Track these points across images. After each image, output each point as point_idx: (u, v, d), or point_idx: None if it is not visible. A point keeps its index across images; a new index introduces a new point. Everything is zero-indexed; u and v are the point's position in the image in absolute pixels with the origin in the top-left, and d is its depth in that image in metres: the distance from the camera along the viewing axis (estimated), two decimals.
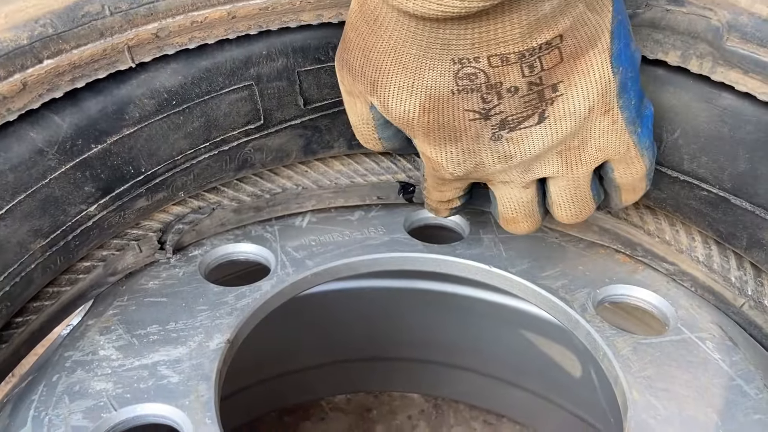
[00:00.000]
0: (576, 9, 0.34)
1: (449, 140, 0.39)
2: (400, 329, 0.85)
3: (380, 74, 0.37)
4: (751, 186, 0.42)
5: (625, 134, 0.39)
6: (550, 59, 0.35)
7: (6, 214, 0.38)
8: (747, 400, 0.42)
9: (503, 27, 0.33)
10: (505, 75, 0.35)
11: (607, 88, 0.37)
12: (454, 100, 0.37)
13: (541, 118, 0.38)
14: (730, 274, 0.49)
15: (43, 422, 0.40)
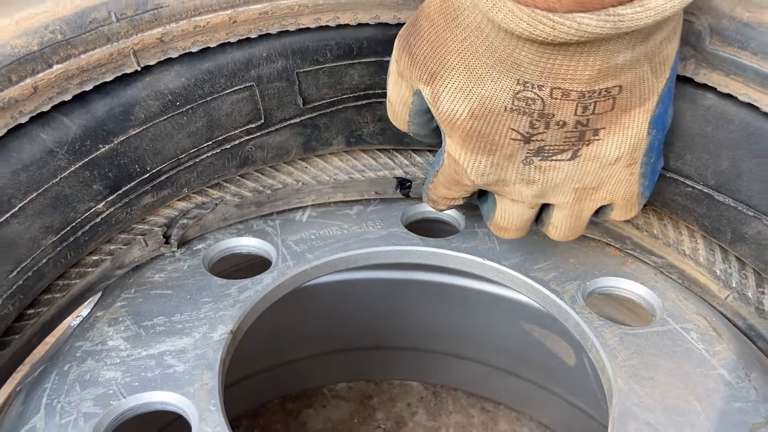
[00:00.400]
0: (642, 67, 0.36)
1: (483, 151, 0.40)
2: (399, 319, 0.87)
3: (443, 69, 0.38)
4: (734, 183, 0.44)
5: (635, 186, 0.42)
6: (603, 106, 0.37)
7: (19, 212, 0.40)
8: (728, 389, 0.44)
9: (576, 65, 0.34)
10: (560, 108, 0.37)
11: (638, 145, 0.40)
12: (505, 117, 0.38)
13: (574, 155, 0.40)
14: (715, 267, 0.50)
15: (55, 409, 0.42)
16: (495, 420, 0.89)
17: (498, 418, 0.90)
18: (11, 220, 0.40)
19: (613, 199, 0.43)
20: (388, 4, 0.43)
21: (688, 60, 0.40)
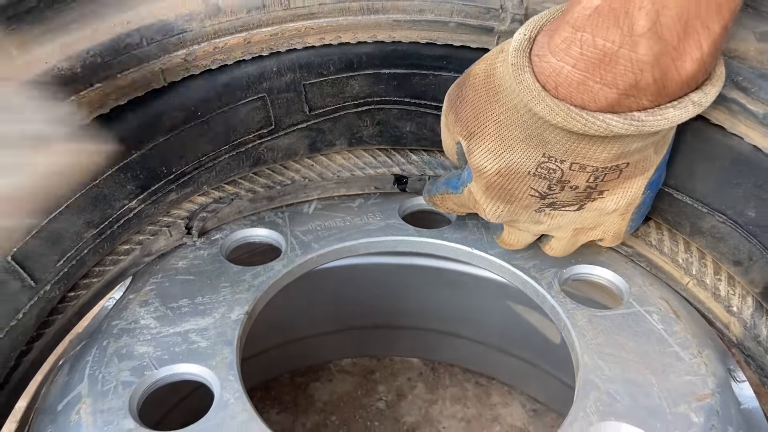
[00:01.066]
0: (647, 151, 0.42)
1: (503, 200, 0.47)
2: (400, 300, 0.93)
3: (480, 132, 0.44)
4: (689, 184, 0.50)
5: (624, 228, 0.50)
6: (612, 176, 0.43)
7: (65, 210, 0.46)
8: (681, 364, 0.50)
9: (596, 149, 0.40)
10: (576, 177, 0.43)
11: (633, 202, 0.47)
12: (527, 179, 0.44)
13: (580, 208, 0.46)
14: (678, 256, 0.56)
15: (97, 378, 0.49)
16: (488, 393, 0.96)
17: (491, 392, 0.96)
18: (59, 216, 0.46)
19: (604, 236, 0.51)
20: (384, 25, 0.49)
21: None
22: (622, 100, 0.36)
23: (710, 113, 0.45)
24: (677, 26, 0.33)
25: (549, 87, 0.37)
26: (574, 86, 0.36)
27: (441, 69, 0.51)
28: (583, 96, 0.36)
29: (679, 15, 0.33)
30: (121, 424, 0.45)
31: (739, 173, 0.46)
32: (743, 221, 0.48)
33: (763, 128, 0.43)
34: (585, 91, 0.36)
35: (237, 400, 0.47)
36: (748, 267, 0.50)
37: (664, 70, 0.35)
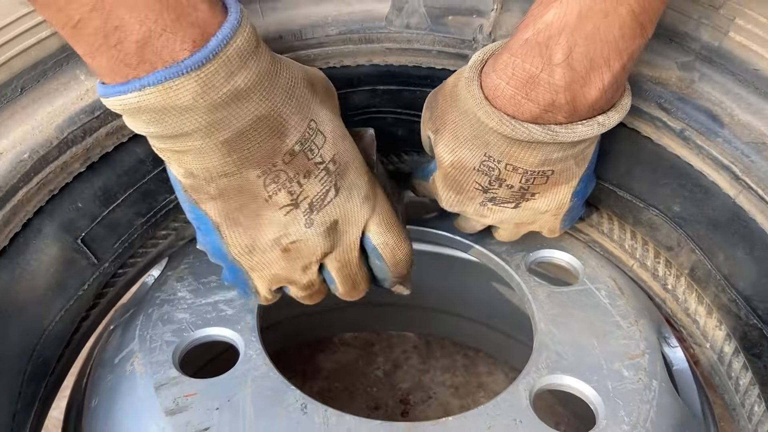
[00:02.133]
0: (569, 162, 0.52)
1: (454, 190, 0.57)
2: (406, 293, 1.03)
3: (442, 129, 0.54)
4: (629, 183, 0.60)
5: (557, 225, 0.60)
6: (540, 180, 0.53)
7: (122, 202, 0.57)
8: (620, 331, 0.61)
9: (525, 154, 0.50)
10: (510, 177, 0.53)
11: (563, 206, 0.57)
12: (473, 173, 0.54)
13: (517, 205, 0.56)
14: (625, 243, 0.66)
15: (145, 338, 0.60)
16: (475, 364, 1.08)
17: (477, 363, 1.08)
18: (116, 208, 0.57)
19: (540, 229, 0.62)
20: (378, 52, 0.59)
21: None
22: (542, 115, 0.46)
23: (641, 127, 0.55)
24: (585, 61, 0.44)
25: (490, 98, 0.48)
26: (507, 99, 0.46)
27: (426, 86, 0.61)
28: (513, 108, 0.47)
29: (586, 52, 0.43)
30: (167, 373, 0.56)
31: (665, 175, 0.57)
32: (671, 214, 0.59)
33: (681, 140, 0.53)
34: (515, 104, 0.46)
35: (258, 356, 0.59)
36: (678, 252, 0.61)
37: (574, 94, 0.45)
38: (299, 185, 0.47)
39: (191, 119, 0.40)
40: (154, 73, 0.37)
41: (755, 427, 0.57)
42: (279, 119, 0.44)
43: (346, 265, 0.54)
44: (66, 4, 0.35)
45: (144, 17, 0.36)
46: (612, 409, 0.53)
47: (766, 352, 0.55)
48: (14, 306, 0.51)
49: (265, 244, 0.49)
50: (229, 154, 0.43)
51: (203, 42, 0.38)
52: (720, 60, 0.51)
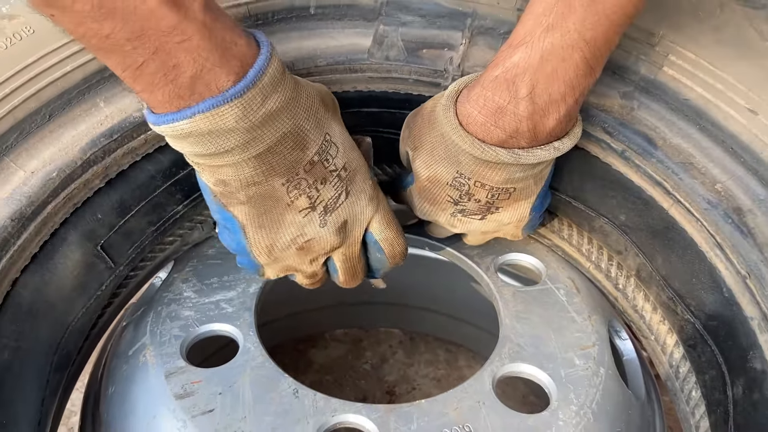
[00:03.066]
0: (528, 181, 0.60)
1: (429, 201, 0.64)
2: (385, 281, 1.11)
3: (420, 147, 0.61)
4: (582, 195, 0.68)
5: (519, 232, 0.68)
6: (504, 196, 0.61)
7: (135, 213, 0.64)
8: (575, 325, 0.69)
9: (492, 173, 0.57)
10: (478, 192, 0.60)
11: (523, 219, 0.64)
12: (445, 187, 0.61)
13: (483, 217, 0.64)
14: (582, 247, 0.75)
15: (156, 333, 0.68)
16: (456, 358, 1.15)
17: (458, 357, 1.15)
18: (130, 218, 0.65)
19: (504, 236, 0.69)
20: (362, 80, 0.67)
21: None
22: (508, 140, 0.54)
23: (590, 148, 0.63)
24: (545, 96, 0.52)
25: (463, 124, 0.55)
26: (478, 125, 0.54)
27: (404, 108, 0.69)
28: (483, 133, 0.55)
29: (546, 89, 0.52)
30: (175, 363, 0.64)
31: (612, 189, 0.65)
32: (618, 223, 0.67)
33: (622, 160, 0.62)
34: (485, 130, 0.54)
35: (255, 348, 0.66)
36: (625, 256, 0.69)
37: (535, 123, 0.53)
38: (317, 190, 0.53)
39: (232, 139, 0.46)
40: (204, 102, 0.43)
41: (692, 409, 0.65)
42: (302, 134, 0.50)
43: (350, 258, 0.61)
44: (132, 50, 0.40)
45: (197, 55, 0.42)
46: (563, 393, 0.62)
47: (699, 344, 0.63)
48: (44, 305, 0.59)
49: (283, 244, 0.56)
50: (260, 166, 0.49)
51: (243, 73, 0.44)
52: (655, 91, 0.60)
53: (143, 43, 0.40)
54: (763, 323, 0.53)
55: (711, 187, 0.56)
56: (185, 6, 0.41)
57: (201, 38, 0.41)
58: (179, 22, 0.40)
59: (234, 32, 0.44)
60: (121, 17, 0.39)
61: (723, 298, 0.57)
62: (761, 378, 0.54)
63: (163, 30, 0.40)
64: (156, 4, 0.39)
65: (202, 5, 0.42)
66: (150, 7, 0.39)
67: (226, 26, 0.44)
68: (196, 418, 0.59)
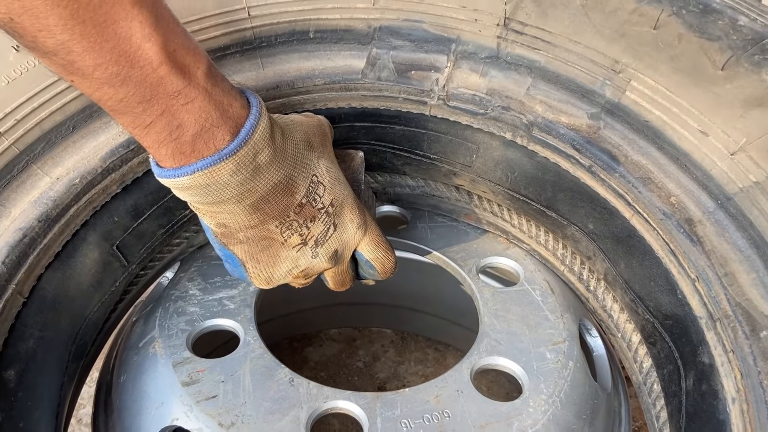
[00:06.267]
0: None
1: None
2: (377, 283, 1.16)
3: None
4: (554, 204, 0.75)
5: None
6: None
7: (148, 216, 0.71)
8: (547, 322, 0.75)
9: None
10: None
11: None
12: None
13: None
14: (557, 251, 0.81)
15: (164, 327, 0.74)
16: (444, 357, 1.22)
17: (447, 356, 1.22)
18: (143, 222, 0.71)
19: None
20: (356, 98, 0.73)
21: (523, 137, 0.71)
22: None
23: (561, 163, 0.70)
24: None
25: None
26: None
27: (394, 124, 0.76)
28: None
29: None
30: (182, 354, 0.70)
31: (581, 200, 0.71)
32: (587, 230, 0.74)
33: (589, 174, 0.68)
34: None
35: (255, 341, 0.73)
36: (594, 260, 0.76)
37: None
38: (307, 228, 0.57)
39: (227, 191, 0.50)
40: (203, 160, 0.47)
41: (653, 401, 0.72)
42: (290, 181, 0.54)
43: (339, 273, 0.65)
44: (142, 112, 0.44)
45: (198, 116, 0.46)
46: (535, 383, 0.68)
47: (658, 341, 0.69)
48: (66, 299, 0.65)
49: (280, 275, 0.60)
50: (254, 213, 0.53)
51: (237, 131, 0.48)
52: (619, 113, 0.66)
53: (152, 106, 0.44)
54: (709, 322, 0.60)
55: (666, 200, 0.63)
56: (190, 73, 0.45)
57: (203, 101, 0.46)
58: (184, 87, 0.44)
59: (230, 95, 0.48)
60: (134, 84, 0.43)
61: (677, 300, 0.64)
62: (708, 371, 0.60)
63: (170, 94, 0.44)
64: (166, 72, 0.43)
65: (205, 73, 0.46)
66: (160, 75, 0.43)
67: (224, 90, 0.48)
68: (201, 403, 0.65)
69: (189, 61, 0.45)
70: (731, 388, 0.57)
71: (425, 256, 0.86)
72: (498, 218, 0.85)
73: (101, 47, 0.40)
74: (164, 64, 0.43)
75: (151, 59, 0.42)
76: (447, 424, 0.64)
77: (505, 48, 0.70)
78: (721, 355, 0.58)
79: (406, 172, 0.85)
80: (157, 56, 0.42)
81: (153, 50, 0.42)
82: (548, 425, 0.64)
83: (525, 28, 0.69)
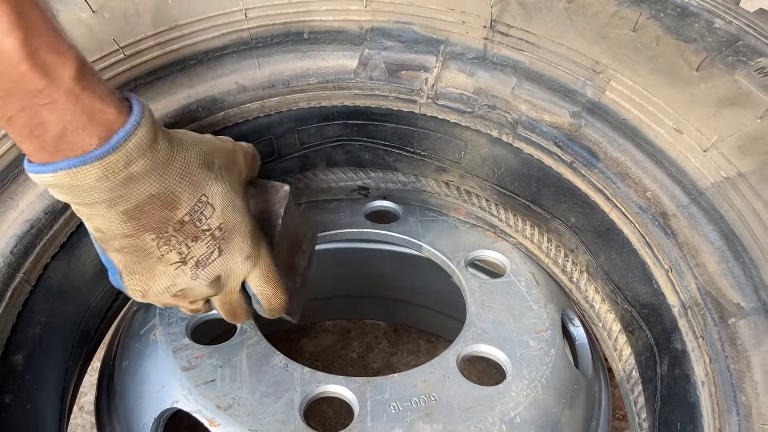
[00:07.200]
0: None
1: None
2: (370, 277, 1.15)
3: None
4: (538, 199, 0.78)
5: None
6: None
7: None
8: (531, 312, 0.78)
9: None
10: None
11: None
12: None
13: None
14: (542, 245, 0.84)
15: (164, 315, 0.77)
16: (436, 348, 1.25)
17: (438, 347, 1.25)
18: None
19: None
20: (349, 96, 0.76)
21: (509, 135, 0.74)
22: None
23: (544, 159, 0.73)
24: None
25: None
26: None
27: (385, 121, 0.79)
28: None
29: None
30: (181, 341, 0.74)
31: (563, 195, 0.75)
32: (570, 224, 0.77)
33: (571, 170, 0.71)
34: None
35: (251, 329, 0.76)
36: (577, 253, 0.79)
37: None
38: (187, 247, 0.55)
39: (94, 195, 0.49)
40: (65, 161, 0.47)
41: (632, 387, 0.75)
42: (171, 195, 0.52)
43: (227, 303, 0.62)
44: (3, 105, 0.44)
45: (61, 118, 0.45)
46: (518, 369, 0.71)
47: (636, 330, 0.73)
48: (71, 287, 0.68)
49: (156, 290, 0.57)
50: (129, 221, 0.52)
51: (108, 137, 0.47)
52: (599, 111, 0.69)
53: (13, 100, 0.44)
54: (681, 310, 0.63)
55: (642, 194, 0.66)
56: (54, 74, 0.44)
57: (66, 103, 0.45)
58: (46, 87, 0.44)
59: (105, 101, 0.48)
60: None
61: (652, 289, 0.67)
62: (681, 356, 0.64)
63: (31, 92, 0.44)
64: (26, 69, 0.43)
65: (72, 75, 0.45)
66: (21, 71, 0.43)
67: (96, 95, 0.47)
68: (200, 386, 0.69)
69: (53, 61, 0.44)
70: (701, 372, 0.60)
71: (418, 251, 0.90)
72: (486, 213, 0.88)
73: None
74: (25, 61, 0.43)
75: (10, 55, 0.42)
76: (433, 406, 0.67)
77: (491, 49, 0.73)
78: (692, 341, 0.61)
79: (397, 169, 0.88)
80: (18, 53, 0.42)
81: (12, 46, 0.42)
82: (529, 408, 0.68)
83: (510, 30, 0.72)
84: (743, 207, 0.60)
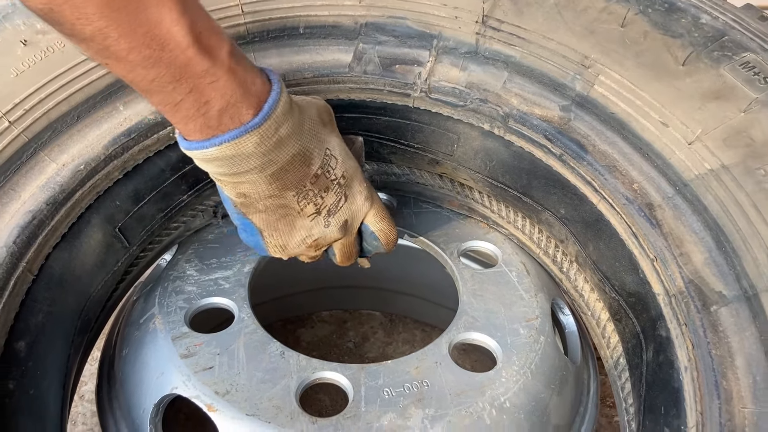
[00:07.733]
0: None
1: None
2: (366, 266, 1.21)
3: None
4: (529, 191, 0.80)
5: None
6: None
7: (146, 202, 0.75)
8: (522, 300, 0.80)
9: None
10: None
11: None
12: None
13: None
14: (533, 236, 0.86)
15: (163, 305, 0.79)
16: (431, 337, 1.27)
17: (433, 336, 1.26)
18: (143, 206, 0.76)
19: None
20: (344, 90, 0.77)
21: (500, 128, 0.76)
22: None
23: (535, 152, 0.75)
24: None
25: None
26: None
27: (380, 114, 0.81)
28: None
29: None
30: (180, 330, 0.75)
31: (553, 187, 0.76)
32: (560, 215, 0.79)
33: (560, 162, 0.73)
34: None
35: (249, 318, 0.78)
36: (566, 243, 0.81)
37: None
38: (321, 198, 0.62)
39: (251, 161, 0.55)
40: (230, 132, 0.52)
41: (620, 374, 0.77)
42: (307, 153, 0.59)
43: (347, 245, 0.70)
44: (172, 90, 0.48)
45: (224, 93, 0.50)
46: (508, 356, 0.73)
47: (623, 318, 0.75)
48: (72, 277, 0.70)
49: (295, 243, 0.65)
50: (274, 182, 0.58)
51: (260, 107, 0.52)
52: (588, 105, 0.71)
53: (182, 85, 0.48)
54: (666, 298, 0.65)
55: (629, 186, 0.68)
56: (215, 54, 0.49)
57: (227, 79, 0.50)
58: (210, 67, 0.48)
59: (253, 73, 0.53)
60: (165, 65, 0.47)
61: (639, 278, 0.69)
62: (665, 343, 0.66)
63: (198, 74, 0.48)
64: (193, 54, 0.47)
65: (228, 52, 0.49)
66: (188, 56, 0.47)
67: (246, 69, 0.52)
68: (198, 373, 0.70)
69: (214, 43, 0.48)
70: (684, 358, 0.62)
71: (412, 241, 0.91)
72: (478, 204, 0.90)
73: (135, 32, 0.44)
74: (191, 46, 0.46)
75: (179, 42, 0.46)
76: (426, 392, 0.69)
77: (483, 44, 0.74)
78: (676, 328, 0.63)
79: (392, 161, 0.90)
80: (185, 39, 0.46)
81: (181, 33, 0.46)
82: (519, 393, 0.70)
83: (502, 25, 0.74)
84: (726, 198, 0.62)
